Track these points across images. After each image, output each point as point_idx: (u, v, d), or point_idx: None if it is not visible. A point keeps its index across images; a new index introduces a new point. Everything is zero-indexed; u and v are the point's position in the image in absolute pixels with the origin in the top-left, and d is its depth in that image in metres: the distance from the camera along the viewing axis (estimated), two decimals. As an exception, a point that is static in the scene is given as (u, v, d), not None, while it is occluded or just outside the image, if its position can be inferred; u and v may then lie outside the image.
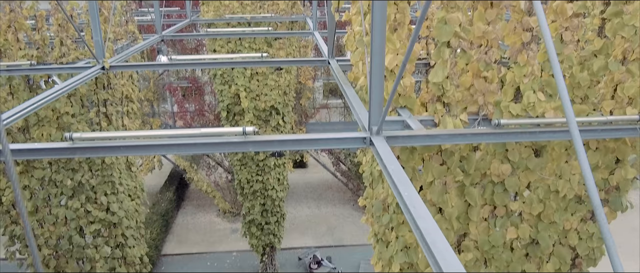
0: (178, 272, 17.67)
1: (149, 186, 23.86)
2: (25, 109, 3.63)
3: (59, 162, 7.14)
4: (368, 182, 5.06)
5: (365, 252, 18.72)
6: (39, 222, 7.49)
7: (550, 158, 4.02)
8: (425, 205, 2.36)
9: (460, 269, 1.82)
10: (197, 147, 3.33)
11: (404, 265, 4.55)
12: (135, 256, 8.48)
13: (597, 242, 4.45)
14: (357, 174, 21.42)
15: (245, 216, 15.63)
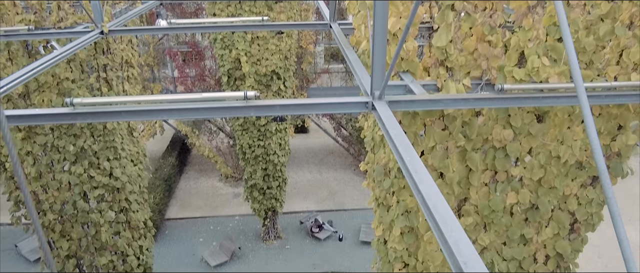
0: (182, 235, 17.95)
1: (151, 151, 23.98)
2: (25, 75, 3.61)
3: (60, 128, 7.14)
4: (369, 147, 5.07)
5: (366, 216, 18.97)
6: (43, 187, 7.56)
7: (552, 124, 4.01)
8: (426, 170, 2.37)
9: (461, 233, 1.84)
10: (198, 111, 3.32)
11: (405, 229, 4.61)
12: (139, 220, 8.60)
13: (596, 208, 4.49)
14: (358, 139, 21.47)
15: (247, 181, 15.77)
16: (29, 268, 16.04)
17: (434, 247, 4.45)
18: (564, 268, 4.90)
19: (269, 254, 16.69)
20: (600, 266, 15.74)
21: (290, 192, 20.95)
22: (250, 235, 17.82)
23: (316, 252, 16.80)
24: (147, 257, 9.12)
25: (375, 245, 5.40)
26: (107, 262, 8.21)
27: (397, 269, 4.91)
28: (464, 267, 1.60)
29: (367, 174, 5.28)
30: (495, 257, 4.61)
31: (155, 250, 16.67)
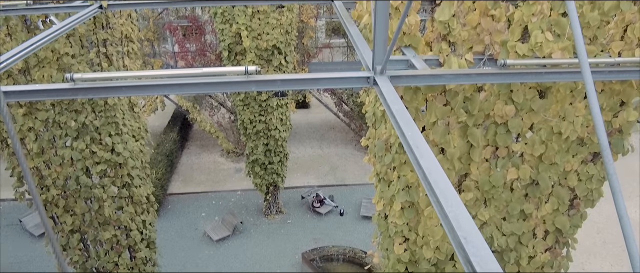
0: (184, 210, 18.11)
1: (152, 127, 24.03)
2: (24, 50, 3.58)
3: (61, 104, 7.14)
4: (371, 122, 5.07)
5: (367, 191, 19.08)
6: (46, 163, 7.59)
7: (554, 100, 4.00)
8: (427, 145, 2.37)
9: (461, 208, 1.85)
10: (199, 86, 3.31)
11: (405, 204, 4.64)
12: (142, 195, 8.66)
13: (596, 184, 4.50)
14: (359, 114, 21.45)
15: (248, 156, 15.82)
16: (33, 243, 16.25)
17: (434, 222, 4.49)
18: (563, 244, 4.95)
19: (271, 229, 16.87)
20: (598, 242, 15.90)
21: (291, 167, 21.04)
22: (252, 210, 17.98)
23: (317, 226, 16.97)
24: (150, 231, 9.23)
25: (375, 220, 5.45)
26: (111, 236, 8.31)
27: (398, 244, 4.96)
28: (464, 242, 1.61)
29: (368, 149, 5.29)
30: (494, 232, 4.65)
31: (158, 225, 16.85)
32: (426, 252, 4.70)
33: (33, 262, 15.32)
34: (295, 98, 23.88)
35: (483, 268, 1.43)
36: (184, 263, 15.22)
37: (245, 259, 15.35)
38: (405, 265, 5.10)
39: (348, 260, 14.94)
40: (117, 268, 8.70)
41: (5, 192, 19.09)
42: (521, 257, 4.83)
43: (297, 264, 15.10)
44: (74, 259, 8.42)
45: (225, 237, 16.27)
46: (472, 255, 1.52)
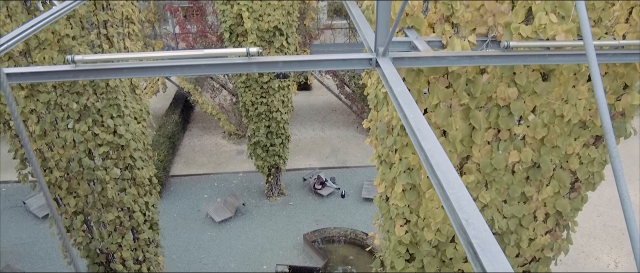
0: (186, 192, 18.21)
1: (154, 109, 24.02)
2: (25, 32, 3.56)
3: (63, 86, 7.12)
4: (373, 104, 5.06)
5: (369, 174, 19.14)
6: (48, 145, 7.61)
7: (557, 83, 3.97)
8: (429, 128, 2.36)
9: (463, 190, 1.85)
10: (200, 68, 3.29)
11: (407, 186, 4.65)
12: (144, 177, 8.70)
13: (598, 167, 4.50)
14: (361, 97, 21.40)
15: (250, 138, 15.84)
16: (37, 224, 16.38)
17: (435, 204, 4.51)
18: (563, 227, 4.97)
19: (273, 210, 16.97)
20: (598, 225, 15.97)
21: (293, 149, 21.08)
22: (253, 192, 18.06)
23: (319, 208, 17.06)
24: (153, 213, 9.29)
25: (377, 201, 5.47)
26: (114, 217, 8.37)
27: (399, 225, 4.99)
28: (465, 224, 1.62)
29: (370, 131, 5.29)
30: (495, 214, 4.67)
31: (161, 207, 16.96)
32: (427, 234, 4.73)
33: (37, 243, 15.47)
34: (296, 80, 23.81)
35: (484, 250, 1.44)
36: (186, 244, 15.36)
37: (247, 240, 15.48)
38: (406, 246, 5.14)
39: (349, 242, 15.06)
40: (121, 249, 8.79)
41: (8, 174, 19.19)
42: (521, 239, 4.86)
43: (299, 245, 15.23)
44: (77, 240, 8.50)
45: (228, 218, 16.38)
46: (473, 238, 1.53)
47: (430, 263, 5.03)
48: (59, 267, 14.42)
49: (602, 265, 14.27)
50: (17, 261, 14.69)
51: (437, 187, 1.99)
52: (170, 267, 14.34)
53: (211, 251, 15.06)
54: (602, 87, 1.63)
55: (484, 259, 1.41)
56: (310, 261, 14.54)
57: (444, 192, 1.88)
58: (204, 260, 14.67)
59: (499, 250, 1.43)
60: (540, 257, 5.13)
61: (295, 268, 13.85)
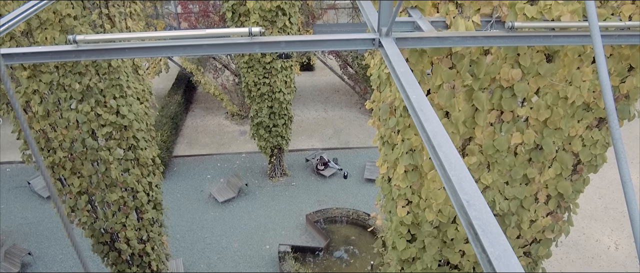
0: (189, 172, 18.29)
1: (156, 89, 24.01)
2: (26, 12, 3.54)
3: (65, 66, 7.11)
4: (376, 85, 5.04)
5: (371, 155, 19.17)
6: (52, 125, 7.63)
7: (562, 64, 3.94)
8: (432, 109, 2.36)
9: (465, 172, 1.86)
10: (203, 48, 3.28)
11: (409, 167, 4.66)
12: (148, 157, 8.73)
13: (601, 149, 4.50)
14: (364, 77, 21.31)
15: (253, 118, 15.85)
16: (42, 204, 16.53)
17: (437, 185, 4.52)
18: (564, 209, 4.99)
19: (275, 191, 17.06)
20: (600, 207, 16.01)
21: (295, 129, 21.09)
22: (256, 172, 18.14)
23: (321, 189, 17.14)
24: (157, 193, 9.35)
25: (379, 182, 5.49)
26: (118, 198, 8.44)
27: (401, 206, 5.01)
28: (467, 205, 1.63)
29: (372, 112, 5.28)
30: (497, 196, 4.68)
31: (164, 187, 17.07)
32: (428, 215, 4.76)
33: (42, 222, 15.63)
34: (299, 60, 23.69)
35: (485, 231, 1.45)
36: (190, 224, 15.50)
37: (250, 221, 15.60)
38: (408, 227, 5.17)
39: (351, 222, 15.16)
40: (125, 229, 8.87)
41: (13, 154, 19.30)
42: (522, 221, 4.88)
43: (301, 225, 15.34)
44: (82, 220, 8.58)
45: (231, 198, 16.49)
46: (474, 219, 1.54)
47: (432, 244, 5.07)
48: (64, 247, 14.59)
49: (602, 247, 14.36)
50: (22, 240, 14.86)
51: (439, 168, 1.99)
52: (173, 247, 14.50)
53: (214, 231, 15.19)
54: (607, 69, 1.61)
55: (484, 240, 1.42)
56: (313, 241, 14.67)
57: (446, 173, 1.89)
58: (207, 240, 14.81)
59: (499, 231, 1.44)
60: (541, 238, 5.16)
61: (298, 248, 13.98)
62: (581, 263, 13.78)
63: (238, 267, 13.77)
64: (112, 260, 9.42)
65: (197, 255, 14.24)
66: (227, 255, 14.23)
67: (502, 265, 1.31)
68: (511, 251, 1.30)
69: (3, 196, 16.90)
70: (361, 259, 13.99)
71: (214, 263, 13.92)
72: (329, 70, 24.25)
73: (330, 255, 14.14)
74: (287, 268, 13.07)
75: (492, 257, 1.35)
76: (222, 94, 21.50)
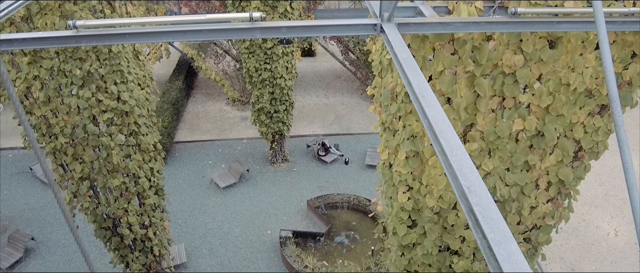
0: (191, 158, 18.33)
1: (157, 75, 23.95)
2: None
3: (66, 52, 7.09)
4: (377, 71, 5.02)
5: (372, 141, 19.18)
6: (53, 111, 7.63)
7: (564, 51, 3.92)
8: (434, 95, 2.35)
9: (466, 158, 1.85)
10: (203, 33, 3.26)
11: (410, 153, 4.67)
12: (149, 143, 8.74)
13: (602, 136, 4.49)
14: (366, 63, 21.23)
15: (254, 104, 15.83)
16: (44, 190, 16.60)
17: (438, 171, 4.53)
18: (565, 195, 5.00)
19: (277, 176, 17.10)
20: (600, 193, 16.04)
21: (297, 115, 21.07)
22: (258, 158, 18.17)
23: (322, 174, 17.18)
24: (158, 178, 9.38)
25: (380, 168, 5.50)
26: (120, 183, 8.46)
27: (402, 192, 5.03)
28: (468, 192, 1.63)
29: (374, 98, 5.27)
30: (497, 182, 4.69)
31: (166, 172, 17.12)
32: (429, 201, 4.77)
33: (45, 208, 15.71)
34: (300, 46, 23.58)
35: (485, 218, 1.45)
36: (191, 209, 15.57)
37: (252, 206, 15.67)
38: (409, 213, 5.19)
39: (352, 208, 15.23)
40: (127, 215, 8.92)
41: (15, 140, 19.35)
42: (523, 207, 4.89)
43: (303, 211, 15.41)
44: (84, 205, 8.62)
45: (232, 184, 16.54)
46: (475, 205, 1.54)
47: (432, 230, 5.10)
48: (67, 232, 14.69)
49: (602, 234, 14.42)
50: (25, 226, 14.96)
51: (440, 155, 1.99)
52: (175, 232, 14.58)
53: (216, 216, 15.27)
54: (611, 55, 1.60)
55: (485, 226, 1.42)
56: (314, 226, 14.75)
57: (447, 160, 1.88)
58: (209, 225, 14.90)
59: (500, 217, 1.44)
60: (541, 224, 5.18)
61: (299, 233, 14.06)
62: (580, 249, 13.86)
63: (239, 252, 13.87)
64: (115, 245, 9.49)
65: (199, 240, 14.34)
66: (229, 240, 14.32)
67: (502, 250, 1.32)
68: (511, 237, 1.30)
69: (5, 182, 16.98)
70: (362, 244, 14.07)
71: (215, 248, 14.02)
72: (330, 55, 24.15)
73: (331, 241, 14.23)
74: (289, 253, 13.16)
75: (493, 243, 1.35)
76: (223, 79, 21.45)
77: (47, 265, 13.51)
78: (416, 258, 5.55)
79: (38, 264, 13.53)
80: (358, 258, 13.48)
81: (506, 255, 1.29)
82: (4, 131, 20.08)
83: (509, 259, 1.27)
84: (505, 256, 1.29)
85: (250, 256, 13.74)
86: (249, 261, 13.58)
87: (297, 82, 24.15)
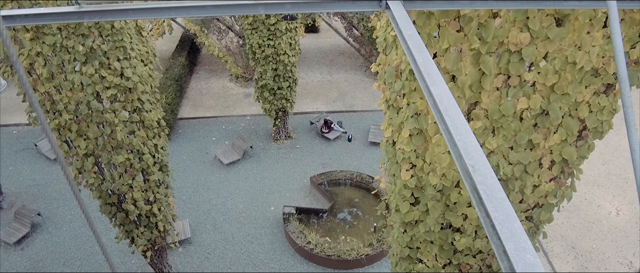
0: (194, 134, 18.38)
1: (160, 51, 23.84)
2: (26, -31, 3.49)
3: (68, 28, 7.05)
4: (381, 48, 4.98)
5: (376, 118, 19.16)
6: (56, 88, 7.63)
7: (572, 28, 3.87)
8: (439, 73, 2.33)
9: (470, 136, 1.85)
10: (206, 9, 3.23)
11: (414, 131, 4.66)
12: (153, 120, 8.76)
13: (607, 116, 4.46)
14: (370, 40, 21.06)
15: (257, 81, 15.78)
16: (49, 166, 16.72)
17: (441, 149, 4.53)
18: (568, 174, 5.00)
19: (280, 153, 17.16)
20: (603, 173, 16.05)
21: (300, 92, 21.02)
22: (261, 135, 18.21)
23: (325, 151, 17.22)
24: (162, 155, 9.43)
25: (383, 146, 5.51)
26: (124, 160, 8.51)
27: (405, 170, 5.04)
28: (472, 170, 1.63)
29: (378, 76, 5.24)
30: (501, 160, 4.69)
31: (170, 149, 17.20)
32: (432, 179, 4.78)
33: (50, 184, 15.85)
34: (304, 22, 23.37)
35: (489, 196, 1.45)
36: (195, 186, 15.68)
37: (255, 182, 15.77)
38: (412, 190, 5.21)
39: (355, 185, 15.31)
40: (132, 191, 8.99)
41: (19, 116, 19.40)
42: (526, 186, 4.90)
43: (306, 188, 15.50)
44: (89, 182, 8.68)
45: (236, 160, 16.62)
46: (478, 183, 1.54)
47: (435, 207, 5.12)
48: (73, 208, 14.85)
49: (603, 212, 14.48)
50: (32, 202, 15.12)
51: (445, 133, 1.99)
52: (180, 208, 14.72)
53: (220, 192, 15.38)
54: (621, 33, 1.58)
55: (488, 205, 1.42)
56: (317, 203, 14.85)
57: (452, 138, 1.88)
58: (212, 201, 15.02)
59: (504, 196, 1.44)
60: (543, 203, 5.20)
61: (302, 210, 14.18)
62: (581, 228, 13.94)
63: (243, 228, 14.01)
64: (120, 221, 9.60)
65: (203, 216, 14.48)
66: (233, 216, 14.46)
67: (505, 229, 1.32)
68: (515, 216, 1.31)
69: (11, 158, 17.09)
70: (364, 221, 14.19)
71: (219, 224, 14.17)
72: (334, 32, 23.95)
73: (334, 217, 14.35)
74: (292, 229, 13.29)
75: (496, 222, 1.35)
76: (226, 55, 21.35)
77: (53, 240, 13.71)
78: (418, 235, 5.60)
79: (44, 239, 13.73)
80: (360, 235, 13.61)
81: (509, 234, 1.30)
82: (7, 107, 20.13)
83: (512, 237, 1.28)
84: (509, 235, 1.29)
85: (254, 232, 13.89)
86: (253, 237, 13.73)
87: (301, 59, 24.01)
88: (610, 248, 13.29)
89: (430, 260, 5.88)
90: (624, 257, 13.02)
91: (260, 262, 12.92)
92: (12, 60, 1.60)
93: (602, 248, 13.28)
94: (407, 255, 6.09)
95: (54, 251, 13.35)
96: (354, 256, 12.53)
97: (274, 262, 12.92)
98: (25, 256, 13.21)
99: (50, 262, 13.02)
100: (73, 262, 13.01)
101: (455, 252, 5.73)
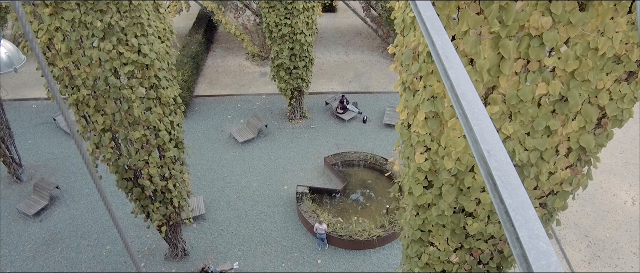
0: (210, 112, 18.48)
1: (177, 28, 23.88)
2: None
3: (86, 3, 7.09)
4: (399, 29, 4.93)
5: (391, 100, 19.05)
6: (75, 63, 7.71)
7: (595, 13, 3.78)
8: (457, 55, 2.31)
9: (487, 121, 1.83)
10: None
11: (430, 114, 4.63)
12: (169, 97, 8.82)
13: (628, 104, 4.37)
14: (387, 20, 20.82)
15: (273, 60, 15.76)
16: (68, 140, 17.01)
17: (457, 134, 4.50)
18: (585, 162, 4.93)
19: (295, 133, 17.20)
20: (620, 162, 15.82)
21: (316, 72, 20.96)
22: (276, 114, 18.25)
23: (340, 132, 17.23)
24: (178, 132, 9.52)
25: (398, 128, 5.49)
26: (141, 136, 8.61)
27: (419, 153, 5.03)
28: (487, 155, 1.62)
29: (395, 57, 5.20)
30: (517, 146, 4.65)
31: (185, 126, 17.35)
32: (447, 163, 4.77)
33: (68, 158, 16.14)
34: (321, 1, 23.17)
35: (504, 183, 1.45)
36: (210, 163, 15.84)
37: (269, 161, 15.86)
38: (425, 174, 5.20)
39: (369, 166, 15.32)
40: (148, 167, 9.12)
41: (39, 91, 19.69)
42: (541, 173, 4.86)
43: (319, 168, 15.56)
44: (106, 156, 8.82)
45: (250, 139, 16.71)
46: (494, 169, 1.53)
47: (448, 191, 5.12)
48: (90, 181, 15.13)
49: (619, 202, 14.31)
50: (50, 175, 15.43)
51: (461, 117, 1.97)
52: (195, 184, 14.91)
53: (234, 170, 15.53)
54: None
55: (503, 191, 1.42)
56: (330, 183, 14.92)
57: (468, 123, 1.87)
58: (227, 179, 15.18)
59: (519, 183, 1.44)
60: (558, 190, 5.15)
61: (315, 190, 14.26)
62: (596, 216, 13.81)
63: (256, 206, 14.16)
64: (136, 196, 9.76)
65: (217, 193, 14.65)
66: (246, 194, 14.61)
67: (519, 216, 1.32)
68: (529, 203, 1.30)
69: (30, 131, 17.41)
70: (377, 202, 14.24)
71: (233, 202, 14.33)
72: (351, 12, 23.72)
73: (347, 198, 14.41)
74: (305, 208, 13.39)
75: (510, 208, 1.35)
76: (242, 34, 21.31)
77: (71, 213, 14.01)
78: (431, 219, 5.61)
79: (62, 212, 14.05)
80: (373, 216, 13.67)
81: (523, 221, 1.30)
82: (28, 82, 20.43)
83: (526, 225, 1.28)
84: (523, 222, 1.29)
85: (267, 210, 14.03)
86: (266, 215, 13.88)
87: (317, 38, 23.87)
88: (624, 237, 13.17)
89: (441, 244, 5.90)
90: (637, 247, 12.91)
91: (273, 240, 13.08)
92: (28, 39, 1.62)
93: (616, 238, 13.17)
94: (419, 238, 6.12)
95: (72, 223, 13.66)
96: (365, 237, 12.61)
97: (286, 241, 13.07)
98: (43, 228, 13.54)
99: (67, 233, 13.34)
100: (90, 235, 13.31)
101: (467, 237, 5.73)
